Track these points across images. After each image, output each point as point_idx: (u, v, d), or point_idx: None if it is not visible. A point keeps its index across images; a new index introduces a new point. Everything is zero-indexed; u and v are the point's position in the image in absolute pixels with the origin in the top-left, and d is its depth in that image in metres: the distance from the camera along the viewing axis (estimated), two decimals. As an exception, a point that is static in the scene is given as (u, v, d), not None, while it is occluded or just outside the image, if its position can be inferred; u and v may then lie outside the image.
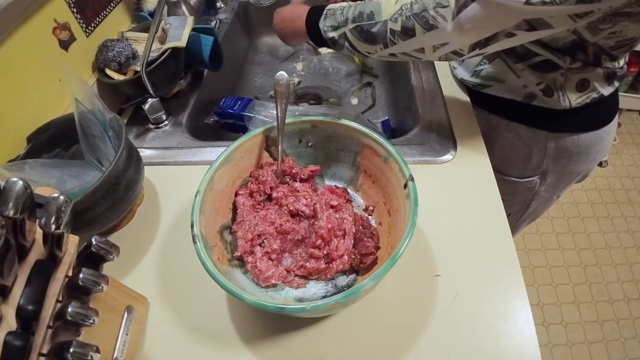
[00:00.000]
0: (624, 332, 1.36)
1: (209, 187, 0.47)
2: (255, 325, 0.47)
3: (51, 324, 0.30)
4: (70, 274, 0.33)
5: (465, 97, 0.73)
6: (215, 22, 0.99)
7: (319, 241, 0.47)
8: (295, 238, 0.50)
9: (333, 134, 0.53)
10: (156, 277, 0.51)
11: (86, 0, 0.72)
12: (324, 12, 0.58)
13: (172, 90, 0.80)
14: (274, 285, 0.48)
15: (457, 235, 0.53)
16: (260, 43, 1.17)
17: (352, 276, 0.49)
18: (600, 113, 0.66)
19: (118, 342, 0.41)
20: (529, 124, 0.68)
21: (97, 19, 0.76)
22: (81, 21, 0.71)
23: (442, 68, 0.80)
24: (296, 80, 1.05)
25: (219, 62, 0.82)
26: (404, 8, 0.50)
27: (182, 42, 0.73)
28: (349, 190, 0.55)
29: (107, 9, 0.79)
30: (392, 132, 0.84)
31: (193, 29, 0.76)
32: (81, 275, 0.32)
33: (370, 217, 0.53)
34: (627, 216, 1.68)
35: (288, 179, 0.55)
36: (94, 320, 0.31)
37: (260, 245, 0.49)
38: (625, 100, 1.94)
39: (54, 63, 0.65)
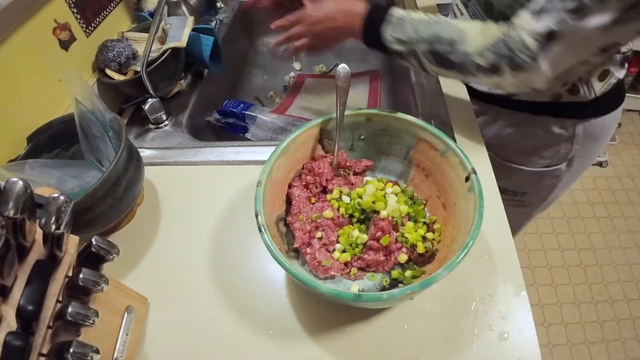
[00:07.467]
0: (624, 332, 1.36)
1: (269, 178, 0.46)
2: (257, 325, 0.47)
3: (51, 324, 0.30)
4: (70, 274, 0.33)
5: (465, 95, 0.73)
6: (215, 22, 0.99)
7: (379, 233, 0.47)
8: None
9: (387, 127, 0.53)
10: (156, 277, 0.51)
11: (86, 0, 0.72)
12: (386, 17, 0.53)
13: (172, 90, 0.80)
14: (332, 277, 0.48)
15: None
16: (260, 43, 1.17)
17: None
18: (616, 93, 0.69)
19: (118, 343, 0.41)
20: (558, 115, 0.69)
21: (97, 19, 0.76)
22: (81, 21, 0.71)
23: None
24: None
25: (219, 62, 0.82)
26: (491, 44, 0.48)
27: (182, 43, 0.73)
28: (399, 184, 0.55)
29: (107, 9, 0.79)
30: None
31: (193, 29, 0.76)
32: (81, 276, 0.32)
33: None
34: (627, 216, 1.68)
35: (342, 172, 0.55)
36: (94, 320, 0.31)
37: (318, 238, 0.49)
38: (625, 100, 1.94)
39: (54, 63, 0.65)
